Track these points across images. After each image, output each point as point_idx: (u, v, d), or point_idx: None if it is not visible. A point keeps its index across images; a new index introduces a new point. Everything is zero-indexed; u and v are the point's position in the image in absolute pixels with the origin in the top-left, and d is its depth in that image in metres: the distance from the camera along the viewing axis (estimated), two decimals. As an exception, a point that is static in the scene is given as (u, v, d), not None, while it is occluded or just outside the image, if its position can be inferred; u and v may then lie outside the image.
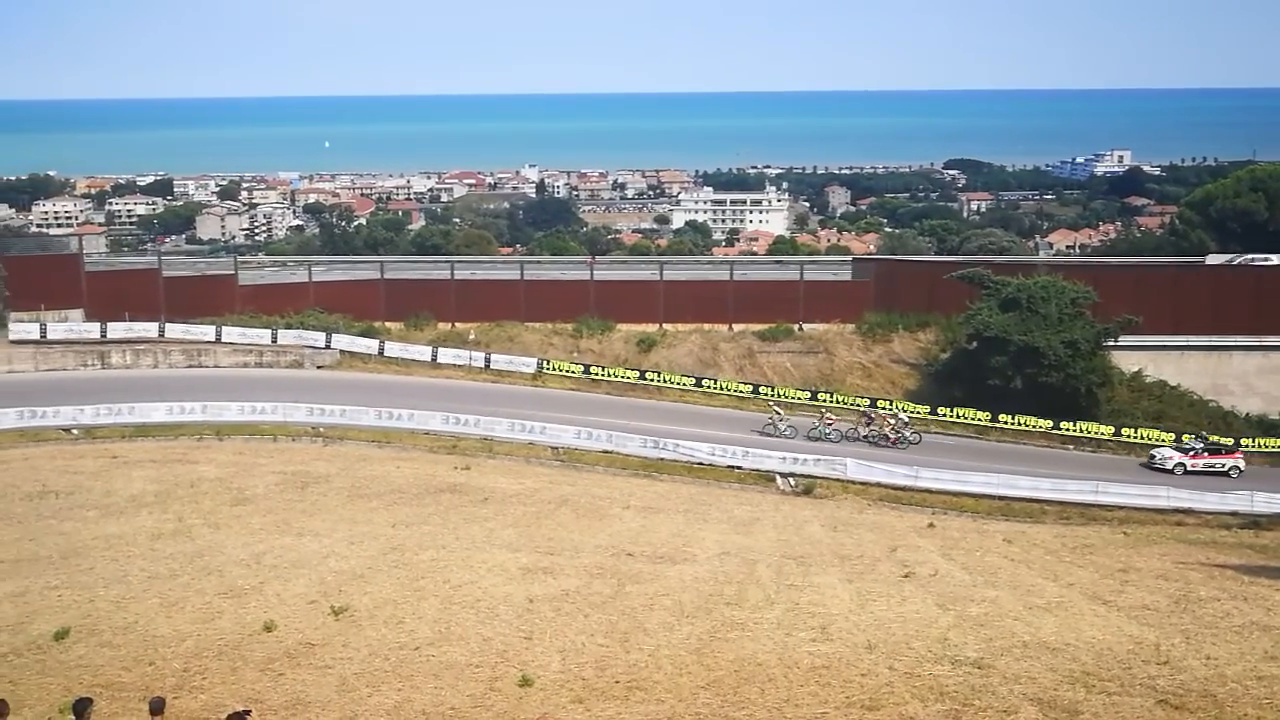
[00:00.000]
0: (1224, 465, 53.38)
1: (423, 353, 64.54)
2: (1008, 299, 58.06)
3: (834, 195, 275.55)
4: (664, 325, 67.42)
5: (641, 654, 23.22)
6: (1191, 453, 53.79)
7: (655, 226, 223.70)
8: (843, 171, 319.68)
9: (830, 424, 55.24)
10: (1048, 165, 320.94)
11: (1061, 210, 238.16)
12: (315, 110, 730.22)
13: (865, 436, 54.96)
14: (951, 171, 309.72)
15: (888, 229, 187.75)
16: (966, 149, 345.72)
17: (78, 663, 22.55)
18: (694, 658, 23.07)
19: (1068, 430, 56.73)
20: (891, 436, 54.58)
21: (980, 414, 57.16)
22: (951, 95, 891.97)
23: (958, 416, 57.57)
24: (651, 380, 61.60)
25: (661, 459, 49.40)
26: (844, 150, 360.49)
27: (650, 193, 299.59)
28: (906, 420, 55.71)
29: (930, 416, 57.82)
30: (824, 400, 59.40)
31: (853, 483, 47.87)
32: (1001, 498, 47.01)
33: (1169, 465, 53.17)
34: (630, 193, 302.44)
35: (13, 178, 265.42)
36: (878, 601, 27.84)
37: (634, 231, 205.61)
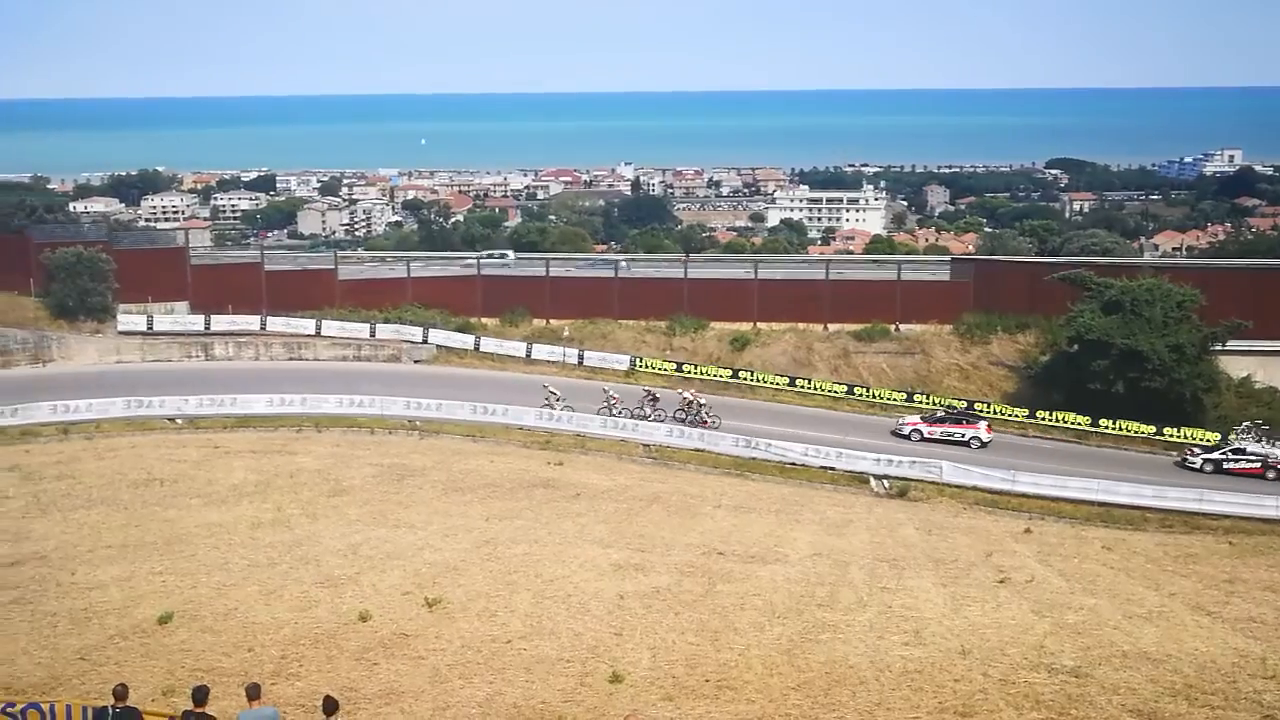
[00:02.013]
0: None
1: (517, 348, 65.09)
2: (1110, 301, 56.83)
3: (932, 194, 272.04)
4: (758, 324, 67.15)
5: (732, 653, 23.14)
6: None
7: (750, 225, 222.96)
8: (942, 170, 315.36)
9: (615, 403, 54.64)
10: (1154, 165, 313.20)
11: (1168, 211, 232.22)
12: (412, 108, 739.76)
13: (676, 416, 54.25)
14: (1054, 171, 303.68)
15: (987, 229, 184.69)
16: (1070, 148, 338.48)
17: (180, 647, 23.10)
18: (785, 658, 22.93)
19: (1171, 436, 55.27)
20: (705, 419, 53.78)
21: (1080, 418, 55.98)
22: (1056, 94, 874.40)
23: (1057, 420, 56.48)
24: (744, 379, 61.39)
25: (754, 458, 49.22)
26: (943, 149, 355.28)
27: (746, 191, 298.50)
28: (704, 402, 54.95)
29: (1028, 420, 56.84)
30: (920, 402, 58.73)
31: (948, 486, 47.22)
32: (1101, 504, 45.95)
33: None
34: (725, 190, 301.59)
35: (124, 173, 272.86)
36: (972, 606, 27.43)
37: (729, 230, 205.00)
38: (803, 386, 60.73)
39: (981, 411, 57.42)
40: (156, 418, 51.57)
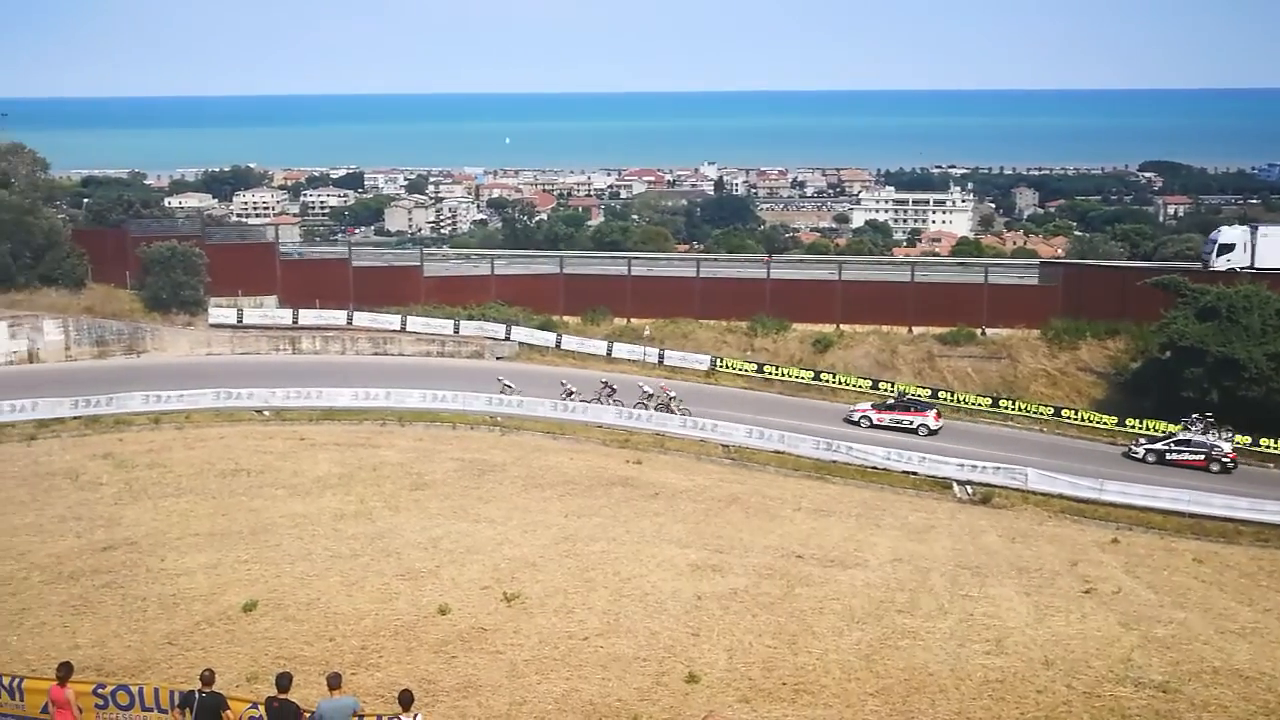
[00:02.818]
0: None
1: (598, 347, 65.31)
2: (1206, 308, 55.44)
3: (1021, 197, 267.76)
4: (841, 326, 66.62)
5: (810, 657, 23.01)
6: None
7: (834, 225, 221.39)
8: (1031, 172, 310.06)
9: (568, 391, 55.08)
10: (1254, 168, 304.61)
11: (1268, 215, 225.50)
12: (499, 107, 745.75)
13: (637, 406, 54.36)
14: (1148, 174, 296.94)
15: (1077, 232, 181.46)
16: (1165, 150, 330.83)
17: (264, 634, 23.52)
18: (863, 664, 22.74)
19: (1269, 447, 53.79)
20: (675, 409, 54.16)
21: (1172, 427, 54.57)
22: (1148, 95, 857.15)
23: (1147, 429, 55.19)
24: (826, 381, 60.94)
25: (834, 461, 48.84)
26: (1033, 151, 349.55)
27: (830, 191, 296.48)
28: (674, 394, 55.15)
29: (1118, 428, 55.67)
30: (1005, 407, 57.88)
31: (1033, 493, 46.40)
32: (1193, 515, 44.75)
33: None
34: (810, 191, 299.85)
35: (217, 169, 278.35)
36: (1056, 616, 26.96)
37: (812, 230, 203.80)
38: (886, 390, 60.10)
39: (932, 399, 58.12)
40: (244, 409, 52.55)
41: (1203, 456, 51.37)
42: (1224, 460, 51.15)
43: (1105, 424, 55.93)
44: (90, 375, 56.20)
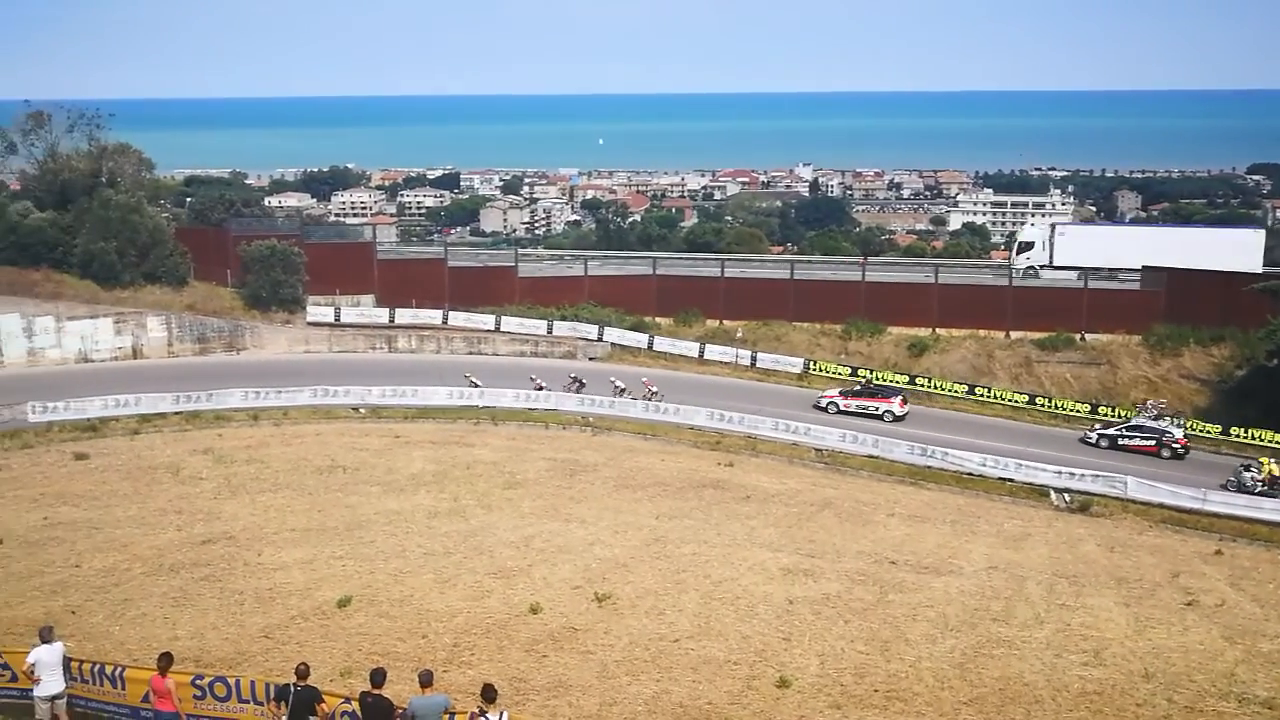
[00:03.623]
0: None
1: (690, 348, 65.20)
2: (1317, 314, 53.75)
3: (1123, 200, 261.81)
4: (937, 329, 65.76)
5: (902, 664, 22.68)
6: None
7: (931, 228, 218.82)
8: (1134, 175, 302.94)
9: (537, 385, 55.48)
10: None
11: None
12: (594, 108, 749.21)
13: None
14: (1256, 176, 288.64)
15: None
16: (1274, 152, 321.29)
17: (357, 630, 23.79)
18: (957, 672, 22.37)
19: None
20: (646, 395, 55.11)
21: (1279, 436, 53.06)
22: (1258, 95, 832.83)
23: (1253, 437, 53.58)
24: (921, 385, 60.16)
25: (929, 467, 48.14)
26: (1136, 153, 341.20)
27: (927, 193, 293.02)
28: (655, 390, 55.48)
29: (1222, 437, 54.12)
30: (1104, 414, 56.63)
31: (1133, 502, 45.24)
32: (1301, 528, 43.35)
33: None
34: (906, 193, 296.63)
35: (316, 169, 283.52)
36: (1157, 629, 26.26)
37: (908, 233, 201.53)
38: (982, 395, 59.15)
39: (898, 385, 59.27)
40: (341, 406, 53.32)
41: (1154, 442, 52.29)
42: (1175, 446, 52.03)
43: (1209, 432, 54.42)
44: (191, 371, 57.48)
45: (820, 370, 62.20)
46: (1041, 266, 71.84)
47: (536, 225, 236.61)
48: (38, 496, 36.37)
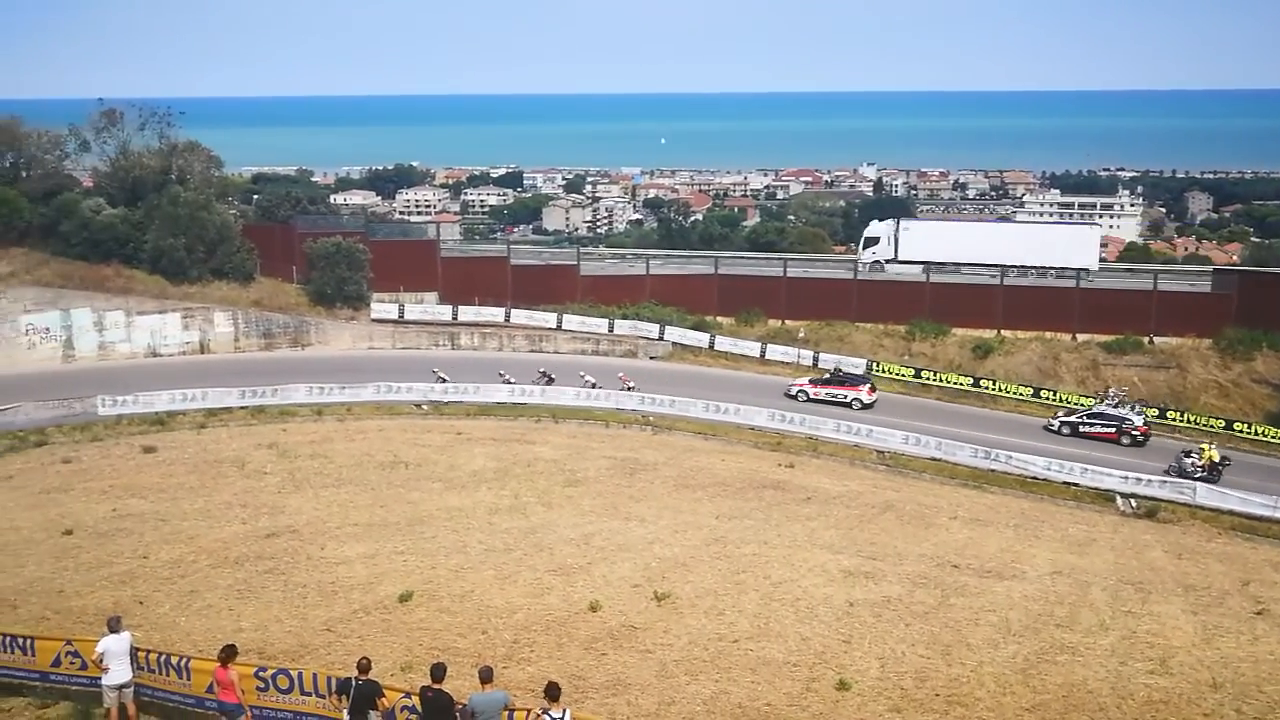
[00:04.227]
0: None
1: (751, 348, 65.00)
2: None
3: (1194, 201, 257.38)
4: (1002, 331, 65.03)
5: (964, 669, 22.43)
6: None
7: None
8: (1205, 176, 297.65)
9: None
10: None
11: None
12: (655, 107, 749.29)
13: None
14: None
15: (1254, 238, 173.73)
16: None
17: (418, 625, 23.93)
18: (1019, 678, 22.07)
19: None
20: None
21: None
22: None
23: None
24: (986, 388, 59.55)
25: (992, 470, 47.63)
26: (1208, 153, 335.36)
27: (992, 194, 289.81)
28: (631, 385, 55.57)
29: (1294, 443, 53.10)
30: (1174, 419, 55.70)
31: (1201, 508, 44.48)
32: (1377, 537, 42.36)
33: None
34: (971, 193, 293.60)
35: (380, 167, 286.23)
36: (1225, 638, 25.75)
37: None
38: (1047, 398, 58.40)
39: (867, 375, 60.62)
40: (404, 403, 53.74)
41: (1114, 429, 53.52)
42: (1134, 434, 53.21)
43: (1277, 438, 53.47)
44: (257, 367, 58.19)
45: (883, 371, 61.73)
46: (887, 261, 73.72)
47: (599, 224, 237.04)
48: (107, 488, 37.02)
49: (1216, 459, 48.00)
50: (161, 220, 64.90)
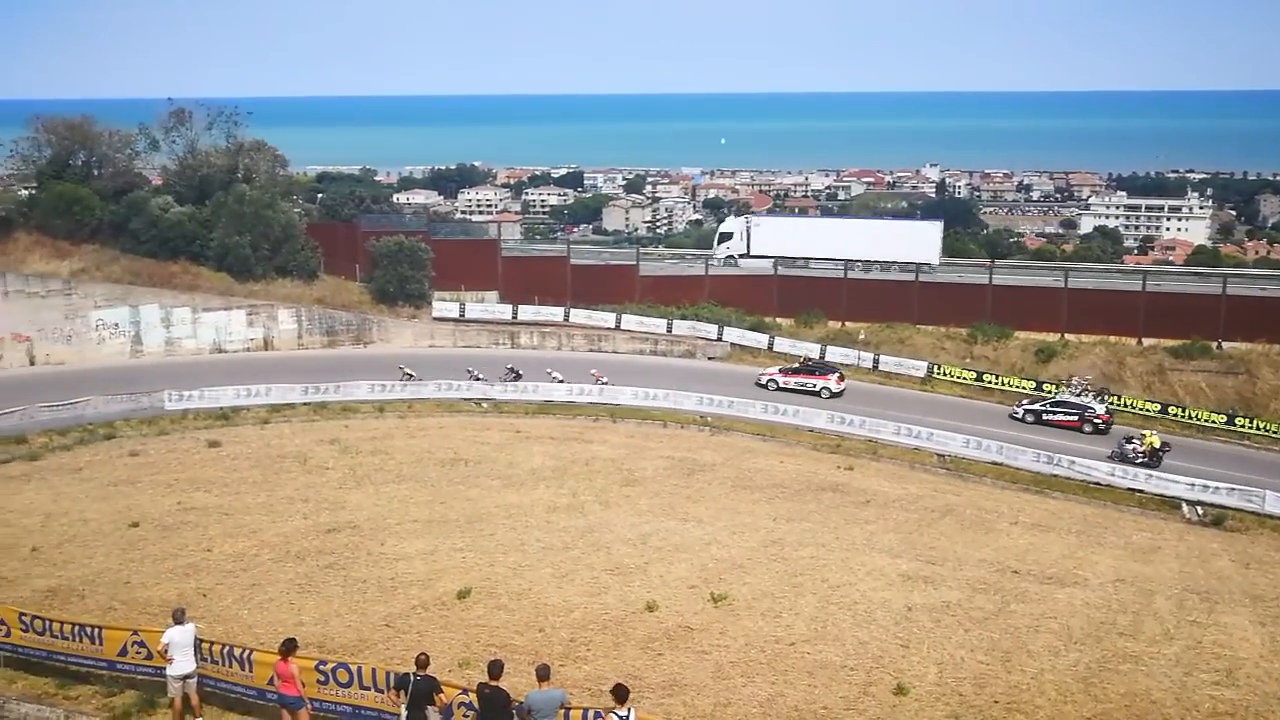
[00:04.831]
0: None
1: (811, 350, 64.71)
2: None
3: (1266, 204, 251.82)
4: (1065, 335, 64.22)
5: (1024, 676, 22.18)
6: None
7: (1061, 231, 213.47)
8: (1278, 178, 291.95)
9: (475, 377, 55.51)
10: None
11: None
12: (715, 107, 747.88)
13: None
14: None
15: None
16: None
17: (476, 622, 24.08)
18: (1080, 686, 21.79)
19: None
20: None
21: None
22: None
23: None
24: (1048, 392, 58.77)
25: (1054, 475, 47.02)
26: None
27: (1057, 195, 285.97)
28: (604, 380, 56.18)
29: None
30: (1241, 425, 54.67)
31: (1271, 517, 43.60)
32: None
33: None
34: (1036, 195, 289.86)
35: (443, 167, 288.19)
36: (1295, 650, 25.25)
37: (1037, 235, 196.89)
38: (1112, 403, 57.59)
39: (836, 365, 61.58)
40: (464, 401, 54.08)
41: (1076, 417, 54.61)
42: (1096, 421, 54.25)
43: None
44: (320, 363, 58.86)
45: (944, 374, 61.19)
46: (741, 256, 75.53)
47: (658, 224, 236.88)
48: (172, 482, 37.62)
49: (1157, 445, 48.96)
50: (228, 218, 65.87)
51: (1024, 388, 59.44)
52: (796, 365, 60.86)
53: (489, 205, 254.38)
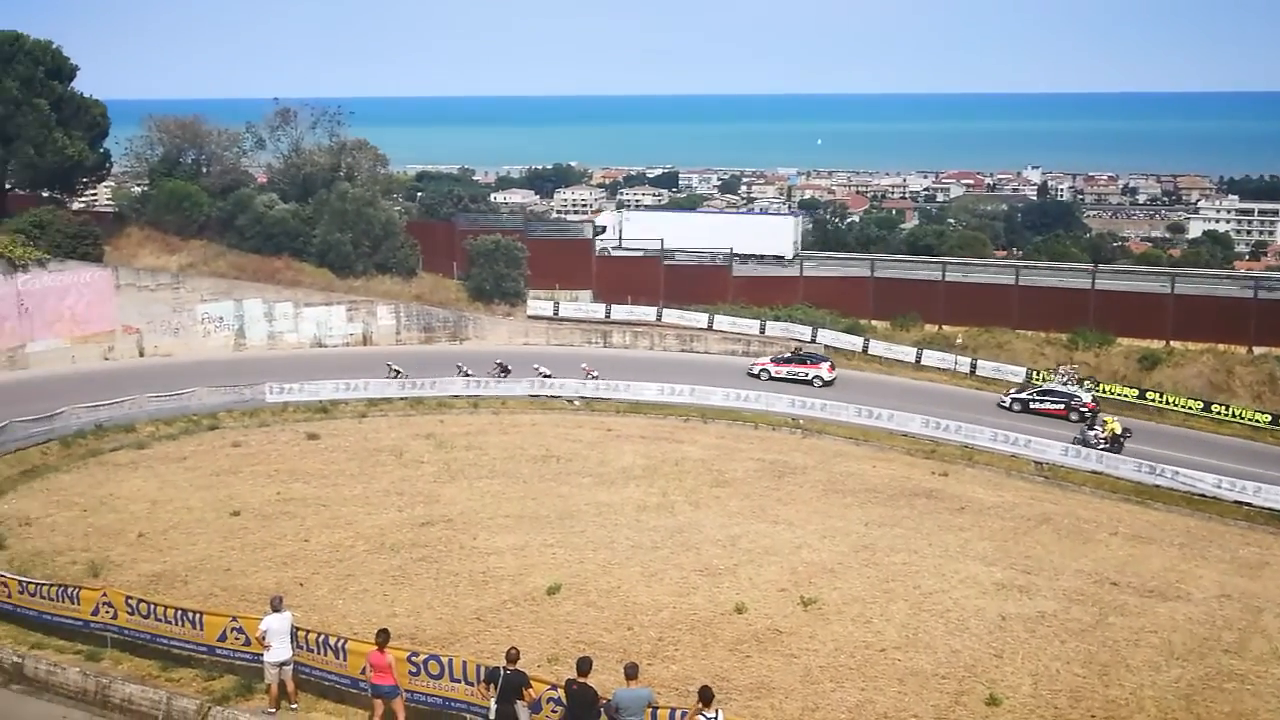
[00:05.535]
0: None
1: (906, 353, 63.90)
2: None
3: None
4: (1171, 342, 62.57)
5: (1122, 690, 21.70)
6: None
7: (1168, 235, 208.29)
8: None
9: (465, 373, 55.29)
10: None
11: None
12: (811, 107, 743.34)
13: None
14: None
15: None
16: None
17: (566, 618, 24.21)
18: (1182, 704, 21.25)
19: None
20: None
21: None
22: None
23: None
24: (1152, 400, 57.34)
25: (1157, 486, 45.79)
26: None
27: (1164, 199, 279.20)
28: (594, 374, 55.78)
29: None
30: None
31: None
32: None
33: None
34: (1142, 198, 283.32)
35: (540, 167, 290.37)
36: None
37: (1143, 240, 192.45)
38: (1219, 412, 55.99)
39: (823, 353, 62.63)
40: (557, 398, 54.38)
41: (1063, 406, 55.20)
42: (1082, 410, 54.46)
43: None
44: (417, 359, 59.50)
45: (1042, 380, 60.00)
46: (614, 248, 77.42)
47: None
48: (272, 473, 38.41)
49: (1119, 431, 49.63)
50: (330, 216, 67.03)
51: (1126, 396, 58.09)
52: (788, 354, 61.74)
53: (584, 205, 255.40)
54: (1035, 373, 59.99)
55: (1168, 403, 57.12)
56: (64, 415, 43.61)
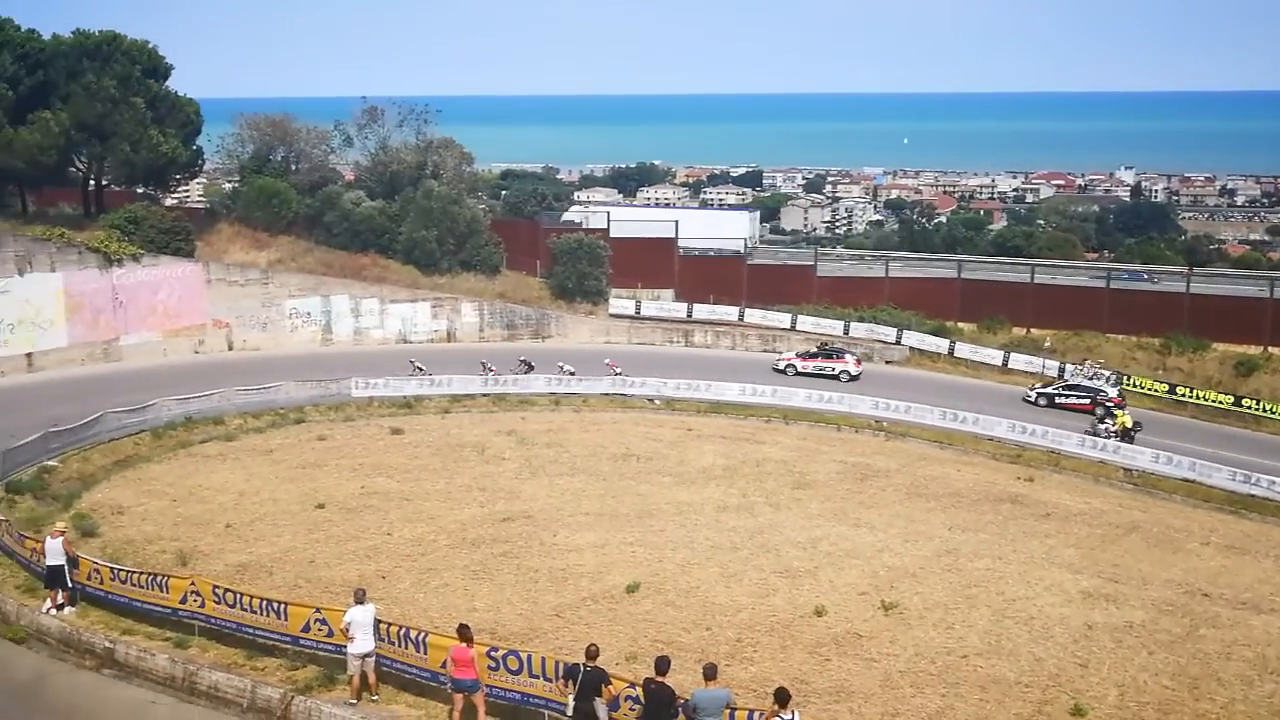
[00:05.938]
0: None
1: (993, 356, 63.00)
2: None
3: None
4: (1269, 348, 60.96)
5: (1212, 705, 21.17)
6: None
7: (1267, 238, 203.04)
8: None
9: (489, 369, 54.65)
10: None
11: None
12: (898, 107, 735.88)
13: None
14: None
15: None
16: None
17: (644, 617, 24.22)
18: (1276, 720, 20.67)
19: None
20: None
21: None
22: None
23: None
24: (1248, 407, 55.90)
25: (1252, 495, 44.60)
26: None
27: (1265, 200, 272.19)
28: (618, 370, 55.41)
29: None
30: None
31: None
32: None
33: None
34: (1240, 200, 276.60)
35: (623, 165, 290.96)
36: None
37: (1241, 243, 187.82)
38: (1125, 386, 55.01)
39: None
40: (637, 397, 54.42)
41: (1089, 400, 55.09)
42: (1108, 405, 53.57)
43: None
44: (499, 357, 59.95)
45: (1135, 386, 58.79)
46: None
47: (837, 224, 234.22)
48: (357, 466, 38.90)
49: (1130, 424, 50.15)
50: (416, 213, 67.75)
51: (1221, 403, 56.72)
52: (814, 350, 61.78)
53: (667, 204, 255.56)
54: (1063, 368, 60.29)
55: (1266, 410, 55.63)
56: (155, 407, 44.58)
